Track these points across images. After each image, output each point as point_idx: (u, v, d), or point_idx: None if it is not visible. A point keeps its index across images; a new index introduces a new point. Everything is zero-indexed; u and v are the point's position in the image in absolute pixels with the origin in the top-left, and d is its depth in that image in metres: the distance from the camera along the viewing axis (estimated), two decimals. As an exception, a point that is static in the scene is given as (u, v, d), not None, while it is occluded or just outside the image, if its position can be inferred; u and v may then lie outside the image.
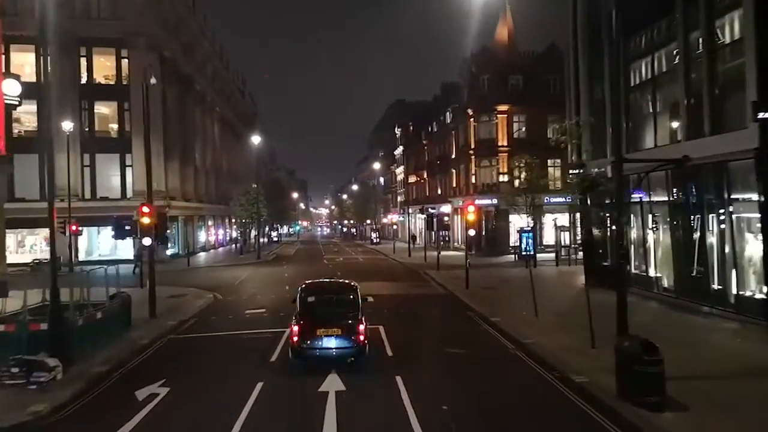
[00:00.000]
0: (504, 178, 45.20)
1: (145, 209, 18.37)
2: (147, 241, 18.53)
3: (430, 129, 64.97)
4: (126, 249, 43.41)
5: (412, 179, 74.19)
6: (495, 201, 45.14)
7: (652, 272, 21.32)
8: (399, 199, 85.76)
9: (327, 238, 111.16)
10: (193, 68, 53.72)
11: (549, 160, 45.60)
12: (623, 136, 22.49)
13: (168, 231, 48.29)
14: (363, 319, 12.32)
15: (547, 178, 37.11)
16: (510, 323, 16.66)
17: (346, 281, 14.57)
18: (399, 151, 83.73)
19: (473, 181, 46.88)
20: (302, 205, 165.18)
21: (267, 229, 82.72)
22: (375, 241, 70.73)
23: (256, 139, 50.28)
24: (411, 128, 76.17)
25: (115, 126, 44.59)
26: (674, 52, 18.73)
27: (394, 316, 18.63)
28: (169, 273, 34.75)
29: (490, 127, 45.74)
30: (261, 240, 73.14)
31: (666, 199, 20.04)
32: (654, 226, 21.00)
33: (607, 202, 24.03)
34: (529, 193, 22.67)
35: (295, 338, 11.77)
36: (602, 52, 22.77)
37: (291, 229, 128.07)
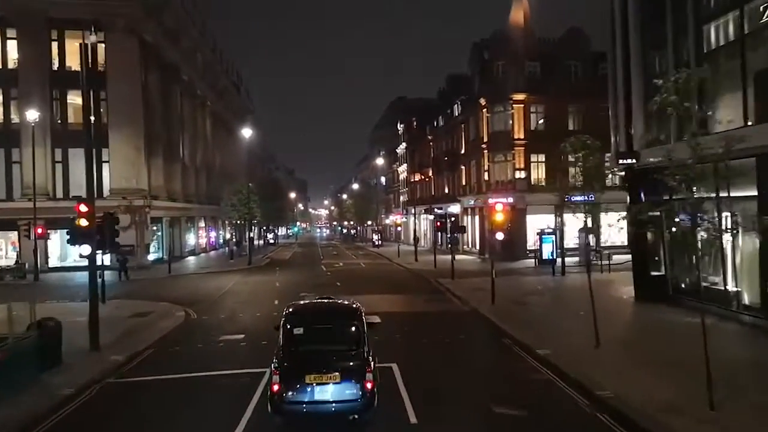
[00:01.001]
0: (521, 175, 40.94)
1: (83, 208, 14.07)
2: (86, 250, 14.22)
3: (435, 124, 60.72)
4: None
5: (415, 178, 69.94)
6: (511, 199, 40.85)
7: (730, 286, 17.07)
8: (402, 199, 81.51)
9: (326, 240, 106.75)
10: (180, 57, 49.49)
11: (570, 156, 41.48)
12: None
13: (156, 233, 44.75)
14: (371, 357, 9.04)
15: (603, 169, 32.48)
16: (567, 359, 12.42)
17: (347, 303, 10.96)
18: (401, 148, 79.43)
19: (486, 177, 42.60)
20: (301, 206, 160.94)
21: (261, 230, 78.53)
22: (377, 243, 66.39)
23: (246, 133, 45.95)
24: (414, 124, 71.94)
25: (90, 117, 40.27)
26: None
27: (410, 347, 14.39)
28: (145, 282, 30.71)
29: (506, 119, 41.45)
30: (255, 242, 69.08)
31: (753, 193, 15.78)
32: (733, 227, 16.74)
33: (667, 198, 19.87)
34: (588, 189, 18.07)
35: (276, 387, 8.50)
36: (665, 16, 18.52)
37: (289, 231, 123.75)
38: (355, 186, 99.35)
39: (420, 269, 35.45)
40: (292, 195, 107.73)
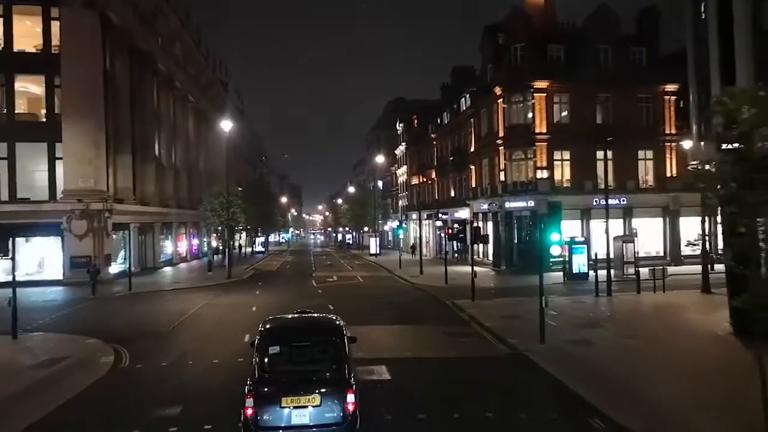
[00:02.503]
0: (543, 174, 35.44)
1: None
2: None
3: (439, 121, 55.29)
4: (56, 267, 33.59)
5: (416, 180, 64.34)
6: (531, 203, 35.42)
7: None
8: (401, 203, 76.00)
9: (320, 248, 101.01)
10: (155, 44, 43.93)
11: (598, 152, 36.11)
12: None
13: (121, 241, 38.88)
14: (352, 377, 8.21)
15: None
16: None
17: (326, 317, 10.24)
18: (401, 149, 73.92)
19: (502, 178, 37.08)
20: (294, 211, 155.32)
21: (250, 237, 72.85)
22: (375, 252, 60.50)
23: (227, 126, 40.12)
24: (415, 122, 66.50)
25: (41, 107, 34.70)
26: None
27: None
28: (96, 302, 25.14)
29: (525, 110, 35.95)
30: (243, 251, 63.36)
31: None
32: None
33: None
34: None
35: (250, 411, 7.74)
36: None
37: (282, 237, 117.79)
38: (351, 189, 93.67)
39: (428, 285, 29.88)
40: (284, 199, 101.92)
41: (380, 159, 70.66)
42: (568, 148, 35.67)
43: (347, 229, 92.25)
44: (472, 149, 43.59)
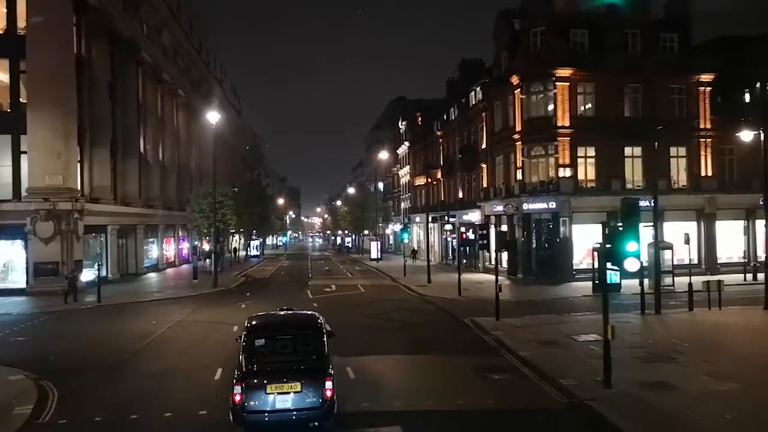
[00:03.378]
0: (566, 173, 31.82)
1: None
2: None
3: (446, 117, 51.73)
4: (20, 273, 29.99)
5: (420, 181, 60.69)
6: (553, 204, 31.88)
7: None
8: (403, 206, 72.41)
9: (318, 252, 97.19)
10: (139, 31, 40.38)
11: (627, 148, 32.68)
12: None
13: (95, 244, 35.09)
14: (330, 367, 9.07)
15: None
16: None
17: (307, 313, 10.96)
18: (403, 149, 70.36)
19: (519, 177, 33.47)
20: (292, 214, 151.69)
21: (240, 240, 69.30)
22: (376, 257, 56.76)
23: (213, 117, 36.22)
24: (419, 120, 62.95)
25: (7, 96, 31.07)
26: None
27: None
28: (51, 318, 21.47)
29: (546, 101, 32.33)
30: (239, 254, 59.69)
31: None
32: None
33: None
34: None
35: (238, 397, 8.58)
36: None
37: (280, 240, 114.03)
38: (351, 190, 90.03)
39: (439, 297, 26.25)
40: (280, 201, 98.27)
41: (383, 155, 67.00)
42: (593, 143, 32.12)
43: (347, 232, 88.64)
44: (484, 146, 39.98)
